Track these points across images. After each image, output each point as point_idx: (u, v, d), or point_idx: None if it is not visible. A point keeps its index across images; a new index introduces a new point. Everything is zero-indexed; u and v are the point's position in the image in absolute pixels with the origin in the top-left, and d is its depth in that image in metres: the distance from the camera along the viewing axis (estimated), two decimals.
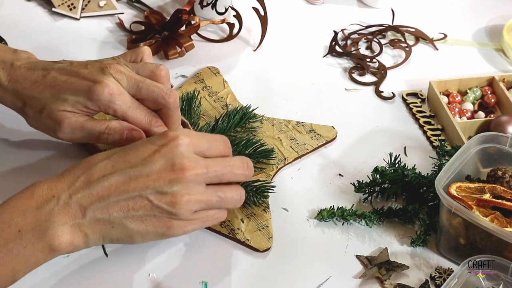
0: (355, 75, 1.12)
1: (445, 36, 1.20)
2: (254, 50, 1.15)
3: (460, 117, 1.03)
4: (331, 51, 1.16)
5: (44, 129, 0.86)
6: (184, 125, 0.89)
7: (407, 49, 1.17)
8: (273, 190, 0.90)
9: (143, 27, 1.14)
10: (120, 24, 1.15)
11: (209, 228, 0.86)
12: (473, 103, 1.06)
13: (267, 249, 0.85)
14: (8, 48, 0.89)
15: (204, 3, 1.14)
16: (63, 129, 0.83)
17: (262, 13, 1.13)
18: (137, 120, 0.82)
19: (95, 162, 0.73)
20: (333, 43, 1.16)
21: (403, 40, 1.18)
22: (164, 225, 0.72)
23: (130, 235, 0.73)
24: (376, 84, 1.10)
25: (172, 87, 0.95)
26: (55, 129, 0.84)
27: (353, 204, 0.90)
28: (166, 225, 0.73)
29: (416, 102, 1.06)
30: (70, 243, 0.71)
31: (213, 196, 0.75)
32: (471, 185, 0.85)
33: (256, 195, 0.88)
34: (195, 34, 1.14)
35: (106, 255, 0.83)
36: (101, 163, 0.73)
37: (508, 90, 1.05)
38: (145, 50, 0.88)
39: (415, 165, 0.93)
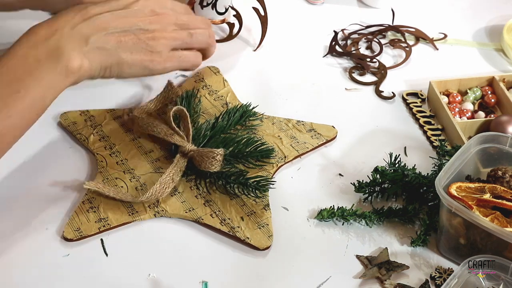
0: (355, 75, 1.12)
1: (445, 36, 1.20)
2: (254, 50, 1.15)
3: (460, 117, 1.03)
4: (331, 51, 1.16)
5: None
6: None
7: (407, 49, 1.17)
8: (273, 185, 0.90)
9: None
10: None
11: (209, 226, 0.87)
12: (473, 103, 1.06)
13: (267, 248, 0.85)
14: None
15: (204, 3, 1.14)
16: None
17: (262, 13, 1.13)
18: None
19: (84, 6, 0.85)
20: (333, 43, 1.16)
21: (403, 40, 1.18)
22: (146, 57, 0.88)
23: (121, 65, 0.86)
24: (376, 84, 1.10)
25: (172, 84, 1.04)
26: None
27: (353, 204, 0.90)
28: (149, 58, 0.88)
29: (416, 102, 1.06)
30: (80, 66, 0.82)
31: (185, 32, 0.92)
32: (471, 185, 0.85)
33: (257, 189, 0.88)
34: None
35: (106, 254, 0.83)
36: (91, 6, 0.85)
37: (508, 90, 1.05)
38: None
39: (415, 165, 0.93)
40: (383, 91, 1.09)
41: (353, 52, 1.15)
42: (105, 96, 1.04)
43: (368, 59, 1.14)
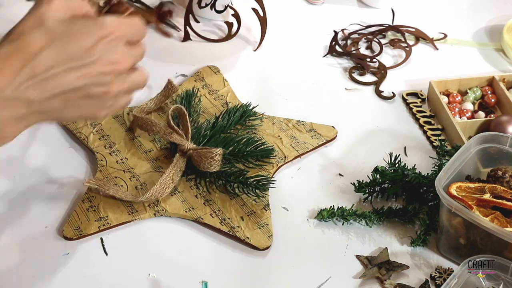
0: (355, 75, 1.12)
1: (445, 36, 1.20)
2: (254, 50, 1.15)
3: (460, 117, 1.03)
4: (331, 51, 1.15)
5: None
6: None
7: (407, 49, 1.16)
8: (273, 184, 0.90)
9: None
10: None
11: (208, 226, 0.86)
12: (473, 103, 1.06)
13: (267, 247, 0.85)
14: None
15: (203, 4, 1.14)
16: None
17: (261, 13, 1.13)
18: None
19: (35, 50, 0.69)
20: (333, 43, 1.16)
21: (403, 40, 1.18)
22: (93, 110, 0.72)
23: (60, 118, 0.73)
24: (376, 84, 1.10)
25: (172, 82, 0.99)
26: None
27: (353, 204, 0.90)
28: (96, 110, 0.72)
29: (416, 102, 1.06)
30: (12, 133, 0.69)
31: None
32: (471, 185, 0.85)
33: (257, 188, 0.88)
34: (194, 34, 1.14)
35: (106, 253, 0.83)
36: (43, 53, 0.69)
37: (508, 90, 1.05)
38: None
39: (415, 165, 0.93)
40: (383, 91, 1.09)
41: (353, 52, 1.15)
42: None
43: (368, 59, 1.14)
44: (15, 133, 0.70)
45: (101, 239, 0.84)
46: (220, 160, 0.88)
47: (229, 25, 1.15)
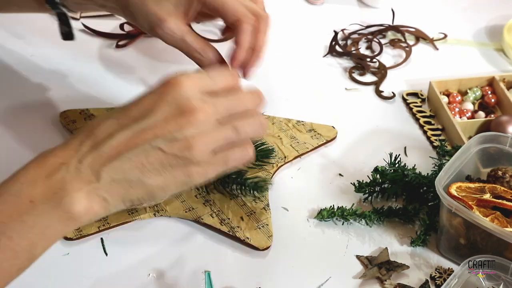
0: (355, 75, 1.12)
1: (445, 36, 1.20)
2: None
3: (460, 117, 1.03)
4: (331, 51, 1.15)
5: (142, 22, 0.82)
6: None
7: (407, 49, 1.16)
8: (270, 186, 0.90)
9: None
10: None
11: (208, 226, 0.86)
12: (473, 103, 1.06)
13: (267, 248, 0.85)
14: None
15: None
16: (165, 28, 0.80)
17: None
18: (233, 6, 0.80)
19: (98, 123, 0.68)
20: (333, 43, 1.16)
21: (403, 40, 1.18)
22: (183, 173, 0.67)
23: (150, 192, 0.67)
24: (376, 84, 1.10)
25: None
26: (154, 25, 0.81)
27: (353, 204, 0.90)
28: (185, 174, 0.67)
29: (416, 102, 1.06)
30: (88, 209, 0.65)
31: (227, 129, 0.68)
32: (471, 185, 0.85)
33: (254, 190, 0.88)
34: None
35: (106, 253, 0.83)
36: (104, 123, 0.67)
37: (508, 90, 1.05)
38: None
39: (415, 165, 0.93)
40: (383, 91, 1.09)
41: (353, 52, 1.15)
42: (105, 95, 1.04)
43: (368, 59, 1.14)
44: (93, 210, 0.66)
45: (102, 239, 0.84)
46: None
47: None
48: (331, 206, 0.89)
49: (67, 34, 0.93)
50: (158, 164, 0.66)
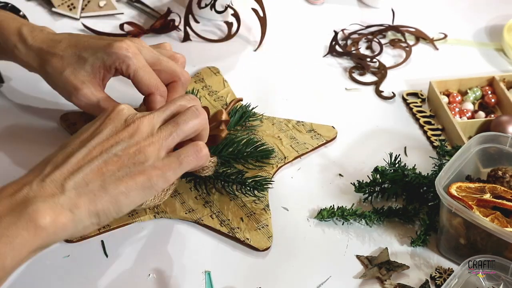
0: (355, 75, 1.12)
1: (445, 36, 1.20)
2: (255, 50, 1.15)
3: (460, 117, 1.03)
4: (331, 51, 1.16)
5: (61, 90, 0.91)
6: None
7: (407, 49, 1.16)
8: (272, 185, 0.90)
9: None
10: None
11: (208, 227, 0.87)
12: (473, 103, 1.06)
13: (267, 249, 0.85)
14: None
15: (203, 4, 1.14)
16: (79, 96, 0.88)
17: (261, 14, 1.13)
18: (146, 81, 0.87)
19: (53, 154, 0.73)
20: (333, 43, 1.16)
21: (403, 40, 1.18)
22: (142, 177, 0.71)
23: (115, 201, 0.71)
24: (376, 84, 1.10)
25: None
26: (71, 94, 0.89)
27: (353, 204, 0.90)
28: (145, 177, 0.71)
29: (416, 102, 1.06)
30: (55, 221, 0.67)
31: (172, 126, 0.75)
32: (471, 185, 0.85)
33: (255, 189, 0.88)
34: (194, 34, 1.15)
35: (106, 255, 0.83)
36: (60, 151, 0.73)
37: (508, 90, 1.05)
38: (167, 45, 0.94)
39: (415, 165, 0.93)
40: (383, 91, 1.09)
41: (353, 52, 1.15)
42: None
43: (368, 59, 1.14)
44: (60, 222, 0.68)
45: (102, 241, 0.84)
46: (214, 166, 0.87)
47: (229, 25, 1.15)
48: (331, 206, 0.89)
49: None
50: (117, 169, 0.71)
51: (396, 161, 0.91)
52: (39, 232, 0.66)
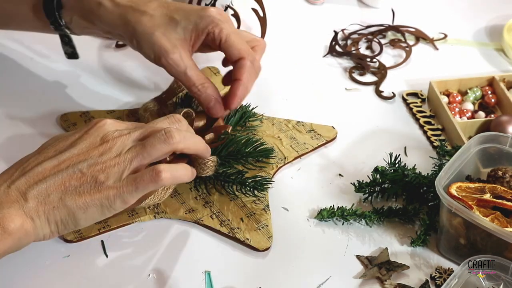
0: (355, 75, 1.12)
1: (445, 36, 1.20)
2: None
3: (460, 117, 1.03)
4: (331, 51, 1.16)
5: (147, 51, 0.88)
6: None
7: (407, 49, 1.16)
8: (272, 185, 0.90)
9: None
10: None
11: (208, 227, 0.87)
12: (473, 103, 1.06)
13: (267, 249, 0.85)
14: None
15: (203, 4, 1.14)
16: (169, 59, 0.87)
17: (261, 14, 1.13)
18: (238, 45, 0.88)
19: (27, 158, 0.75)
20: (333, 43, 1.16)
21: (403, 40, 1.18)
22: (100, 195, 0.73)
23: (72, 213, 0.73)
24: (376, 84, 1.10)
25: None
26: (160, 56, 0.87)
27: (353, 204, 0.90)
28: (103, 195, 0.73)
29: (416, 102, 1.06)
30: (21, 226, 0.71)
31: (140, 148, 0.75)
32: (471, 185, 0.85)
33: (255, 188, 0.88)
34: None
35: (106, 255, 0.83)
36: (34, 157, 0.75)
37: (508, 90, 1.05)
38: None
39: (415, 165, 0.93)
40: (383, 91, 1.09)
41: (353, 52, 1.15)
42: (105, 97, 1.04)
43: (368, 59, 1.14)
44: (25, 227, 0.71)
45: (102, 241, 0.85)
46: (214, 166, 0.87)
47: None
48: (331, 206, 0.89)
49: (70, 54, 0.99)
50: (79, 185, 0.73)
51: (396, 161, 0.91)
52: (6, 236, 0.70)
